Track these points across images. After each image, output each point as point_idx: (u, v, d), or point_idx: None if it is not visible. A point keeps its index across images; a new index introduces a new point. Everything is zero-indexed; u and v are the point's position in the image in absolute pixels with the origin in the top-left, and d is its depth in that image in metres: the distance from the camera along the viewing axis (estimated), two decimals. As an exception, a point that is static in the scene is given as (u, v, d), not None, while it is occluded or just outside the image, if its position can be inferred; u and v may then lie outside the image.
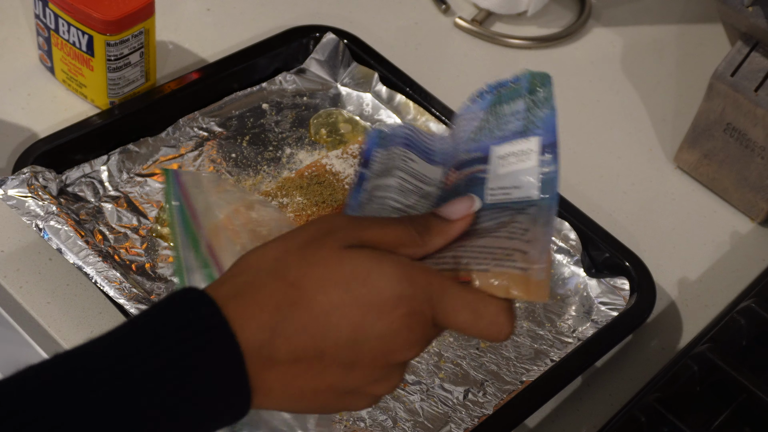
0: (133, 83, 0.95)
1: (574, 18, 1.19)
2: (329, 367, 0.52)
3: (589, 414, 0.82)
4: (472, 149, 0.60)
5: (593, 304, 0.87)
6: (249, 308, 0.51)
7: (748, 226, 1.00)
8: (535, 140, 0.57)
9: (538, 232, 0.54)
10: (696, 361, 0.82)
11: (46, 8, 0.92)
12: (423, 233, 0.56)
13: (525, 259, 0.54)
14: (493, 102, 0.60)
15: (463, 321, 0.54)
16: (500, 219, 0.56)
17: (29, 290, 0.83)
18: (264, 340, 0.50)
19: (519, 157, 0.57)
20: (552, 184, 0.55)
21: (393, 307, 0.52)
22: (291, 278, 0.52)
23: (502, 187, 0.57)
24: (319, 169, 0.91)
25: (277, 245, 0.54)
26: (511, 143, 0.57)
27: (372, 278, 0.52)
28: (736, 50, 0.96)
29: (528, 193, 0.55)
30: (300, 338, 0.51)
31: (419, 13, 1.16)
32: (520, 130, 0.58)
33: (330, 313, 0.51)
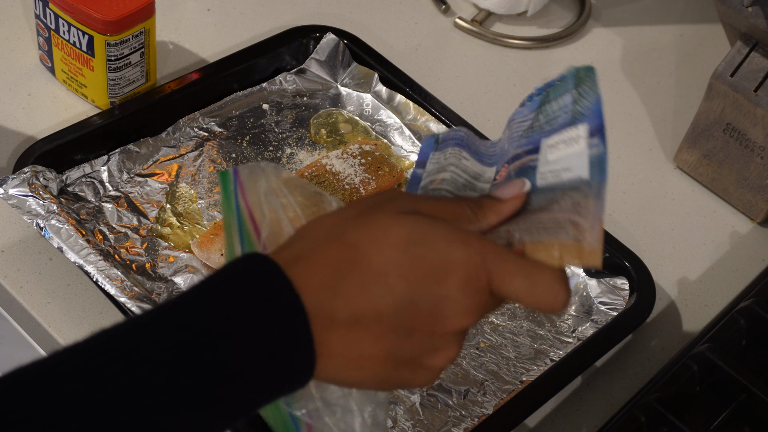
0: (133, 83, 0.96)
1: (574, 18, 1.19)
2: (387, 332, 0.52)
3: (589, 414, 0.82)
4: (523, 144, 0.61)
5: (593, 304, 0.87)
6: (309, 270, 0.51)
7: (747, 226, 1.00)
8: (583, 127, 0.58)
9: (590, 205, 0.55)
10: (696, 361, 0.82)
11: (46, 8, 0.92)
12: (476, 210, 0.56)
13: (577, 228, 0.54)
14: (541, 102, 0.62)
15: (518, 287, 0.53)
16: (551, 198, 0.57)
17: (29, 290, 0.83)
18: (325, 300, 0.50)
19: (568, 143, 0.58)
20: (601, 163, 0.56)
21: (449, 270, 0.52)
22: (349, 240, 0.52)
23: (552, 171, 0.58)
24: (319, 169, 0.91)
25: (334, 214, 0.55)
26: (560, 133, 0.59)
27: (428, 240, 0.52)
28: (735, 50, 0.96)
29: (578, 174, 0.56)
30: (359, 298, 0.51)
31: (419, 13, 1.16)
32: (569, 122, 0.59)
33: (388, 273, 0.51)
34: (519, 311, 0.87)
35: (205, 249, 0.84)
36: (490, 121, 1.05)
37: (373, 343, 0.52)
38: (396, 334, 0.52)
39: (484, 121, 1.04)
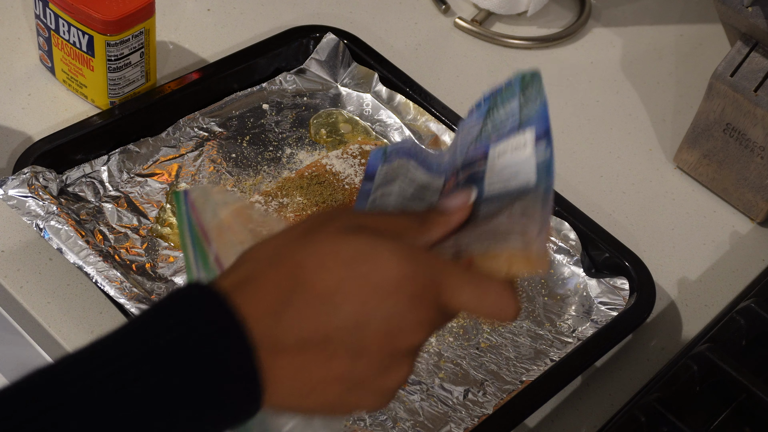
0: (133, 83, 0.96)
1: (574, 18, 1.19)
2: (336, 354, 0.51)
3: (589, 414, 0.82)
4: (471, 153, 0.61)
5: (593, 304, 0.87)
6: (253, 295, 0.50)
7: (747, 226, 1.00)
8: (530, 132, 0.58)
9: (536, 212, 0.55)
10: (696, 361, 0.82)
11: (46, 8, 0.92)
12: (423, 223, 0.56)
13: (524, 236, 0.54)
14: (489, 109, 0.62)
15: (467, 299, 0.53)
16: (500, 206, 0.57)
17: (29, 290, 0.83)
18: (270, 326, 0.49)
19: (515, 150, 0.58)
20: (547, 168, 0.56)
21: (396, 286, 0.51)
22: (293, 262, 0.51)
23: (500, 179, 0.58)
24: (319, 169, 0.91)
25: (278, 236, 0.54)
26: (508, 139, 0.59)
27: (374, 257, 0.51)
28: (735, 50, 0.96)
29: (525, 180, 0.56)
30: (305, 321, 0.50)
31: (419, 13, 1.16)
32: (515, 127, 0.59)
33: (333, 293, 0.50)
34: (519, 311, 0.87)
35: (205, 249, 0.84)
36: (490, 121, 1.04)
37: (322, 367, 0.51)
38: (346, 356, 0.51)
39: (484, 121, 1.04)
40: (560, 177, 1.00)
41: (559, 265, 0.90)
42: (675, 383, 0.81)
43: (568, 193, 0.95)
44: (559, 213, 0.91)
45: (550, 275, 0.90)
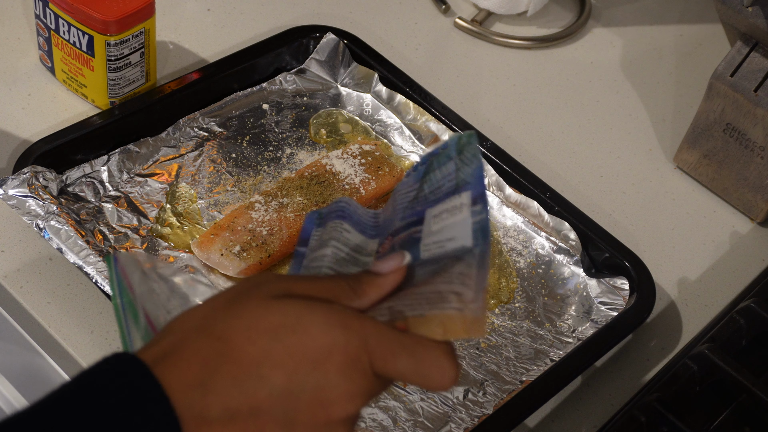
0: (133, 83, 0.96)
1: (574, 18, 1.19)
2: (267, 426, 0.49)
3: (589, 414, 0.82)
4: (407, 216, 0.61)
5: (593, 304, 0.87)
6: (177, 367, 0.49)
7: (747, 226, 1.00)
8: (466, 194, 0.57)
9: (473, 274, 0.54)
10: (696, 361, 0.82)
11: (46, 8, 0.92)
12: (355, 287, 0.54)
13: (460, 299, 0.53)
14: (426, 171, 0.61)
15: (403, 367, 0.51)
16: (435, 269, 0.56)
17: (29, 290, 0.83)
18: (196, 399, 0.48)
19: (451, 212, 0.58)
20: (484, 231, 0.55)
21: (326, 355, 0.49)
22: (217, 332, 0.50)
23: (436, 241, 0.57)
24: (319, 169, 0.91)
25: (204, 305, 0.52)
26: (444, 202, 0.58)
27: (302, 325, 0.50)
28: (735, 50, 0.96)
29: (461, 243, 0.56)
30: (231, 393, 0.49)
31: (419, 13, 1.16)
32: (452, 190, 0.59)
33: (260, 363, 0.49)
34: (519, 311, 0.87)
35: (205, 249, 0.84)
36: (490, 121, 1.05)
37: None
38: (277, 427, 0.49)
39: (484, 121, 1.04)
40: (560, 177, 1.00)
41: (559, 265, 0.90)
42: (675, 383, 0.81)
43: (568, 193, 0.95)
44: (559, 213, 0.91)
45: (550, 275, 0.90)
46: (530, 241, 0.92)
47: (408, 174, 0.63)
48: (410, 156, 0.97)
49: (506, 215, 0.94)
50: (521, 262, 0.91)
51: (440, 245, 0.57)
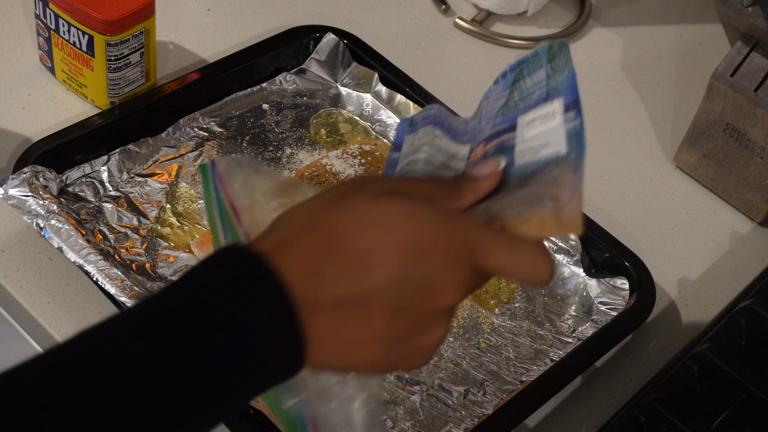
0: (133, 83, 0.96)
1: (574, 18, 1.19)
2: (373, 314, 0.51)
3: (589, 414, 0.82)
4: (498, 123, 0.61)
5: (593, 304, 0.87)
6: (290, 256, 0.51)
7: (747, 226, 1.00)
8: (558, 102, 0.58)
9: (568, 178, 0.55)
10: (696, 361, 0.82)
11: (46, 8, 0.92)
12: (453, 189, 0.56)
13: (556, 200, 0.54)
14: (515, 79, 0.62)
15: (501, 261, 0.53)
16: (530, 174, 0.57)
17: (29, 290, 0.83)
18: (308, 286, 0.50)
19: (543, 119, 0.58)
20: (578, 137, 0.56)
21: (431, 247, 0.52)
22: (327, 225, 0.52)
23: (531, 148, 0.58)
24: (319, 169, 0.91)
25: (311, 201, 0.55)
26: (536, 110, 0.59)
27: (408, 219, 0.52)
28: (735, 50, 0.96)
29: (556, 149, 0.56)
30: (341, 281, 0.51)
31: (419, 13, 1.16)
32: (543, 98, 0.59)
33: (368, 254, 0.51)
34: (519, 311, 0.87)
35: (205, 249, 0.84)
36: (490, 121, 1.05)
37: (360, 326, 0.52)
38: (383, 315, 0.52)
39: (484, 121, 1.04)
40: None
41: (559, 265, 0.90)
42: (675, 383, 0.81)
43: (568, 193, 0.95)
44: (559, 213, 0.91)
45: (550, 275, 0.90)
46: (530, 241, 0.92)
47: (496, 81, 0.63)
48: (410, 156, 0.97)
49: (506, 215, 0.93)
50: (521, 262, 0.90)
51: (534, 151, 0.57)
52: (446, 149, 0.63)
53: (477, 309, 0.86)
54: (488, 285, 0.88)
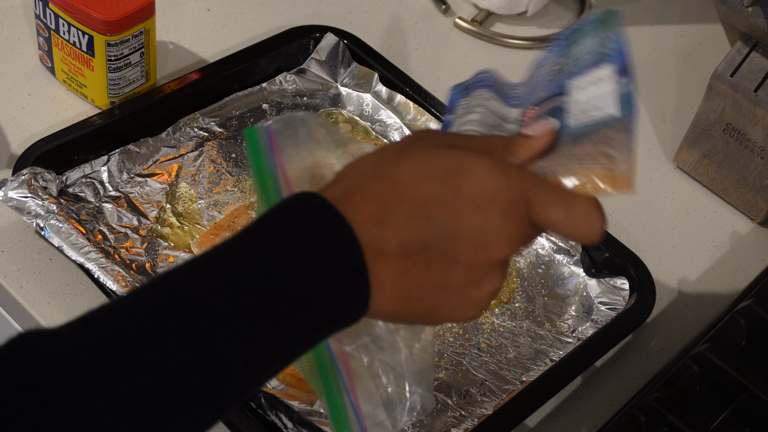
0: (133, 83, 0.96)
1: (574, 18, 1.19)
2: (433, 261, 0.53)
3: (589, 414, 0.82)
4: (552, 87, 0.62)
5: (593, 304, 0.87)
6: (356, 204, 0.52)
7: (747, 226, 1.00)
8: (609, 67, 0.60)
9: (621, 138, 0.56)
10: (696, 361, 0.82)
11: (46, 8, 0.92)
12: (509, 145, 0.58)
13: (610, 159, 0.56)
14: (567, 46, 0.63)
15: (556, 215, 0.55)
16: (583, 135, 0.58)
17: (29, 290, 0.83)
18: (374, 233, 0.52)
19: (596, 84, 0.60)
20: (630, 100, 0.58)
21: (489, 199, 0.53)
22: (391, 174, 0.53)
23: (583, 111, 0.59)
24: (319, 169, 0.91)
25: (375, 153, 0.56)
26: (587, 75, 0.60)
27: (467, 171, 0.53)
28: (735, 50, 0.96)
29: (609, 111, 0.58)
30: (405, 230, 0.52)
31: (419, 13, 1.16)
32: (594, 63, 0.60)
33: (430, 203, 0.52)
34: (519, 311, 0.87)
35: (205, 249, 0.84)
36: (490, 121, 1.05)
37: (419, 274, 0.53)
38: (441, 264, 0.53)
39: (484, 121, 1.04)
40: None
41: (559, 265, 0.90)
42: (675, 383, 0.81)
43: (568, 193, 0.95)
44: (559, 213, 0.91)
45: (550, 275, 0.90)
46: (530, 241, 0.92)
47: (550, 50, 0.64)
48: (410, 156, 0.97)
49: (506, 215, 0.94)
50: (521, 262, 0.91)
51: (587, 114, 0.58)
52: (498, 111, 0.64)
53: (477, 309, 0.86)
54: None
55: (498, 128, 0.63)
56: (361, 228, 0.51)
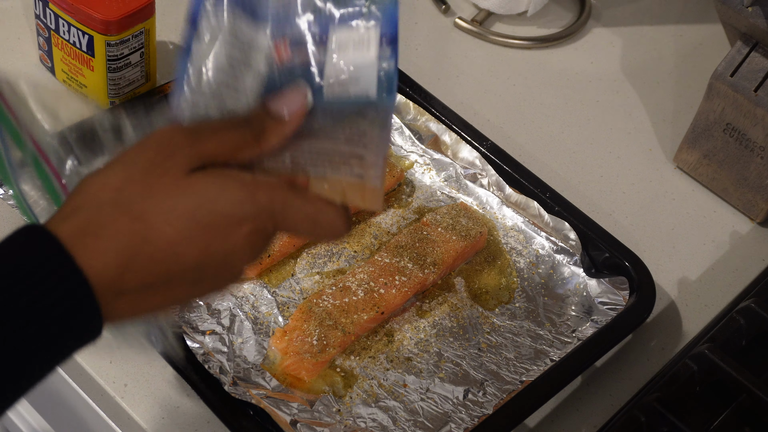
0: (133, 83, 0.96)
1: (574, 18, 1.19)
2: (176, 288, 0.54)
3: (589, 414, 0.82)
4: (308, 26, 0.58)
5: (593, 304, 0.87)
6: (96, 248, 0.51)
7: (747, 226, 1.00)
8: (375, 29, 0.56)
9: (375, 135, 0.55)
10: (696, 361, 0.82)
11: (46, 8, 0.92)
12: (258, 136, 0.56)
13: (361, 164, 0.55)
14: None
15: (303, 230, 0.57)
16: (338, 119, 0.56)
17: (29, 290, 0.83)
18: (114, 278, 0.51)
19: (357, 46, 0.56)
20: (390, 82, 0.55)
21: (237, 226, 0.54)
22: (136, 211, 0.52)
23: (340, 81, 0.57)
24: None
25: (117, 172, 0.54)
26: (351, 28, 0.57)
27: (218, 204, 0.53)
28: (735, 50, 0.96)
29: (366, 90, 0.55)
30: (148, 270, 0.52)
31: (419, 13, 1.16)
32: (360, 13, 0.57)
33: (178, 243, 0.52)
34: (519, 311, 0.87)
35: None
36: (490, 121, 1.05)
37: (161, 299, 0.54)
38: (185, 287, 0.54)
39: (484, 121, 1.04)
40: (560, 177, 1.00)
41: (559, 265, 0.90)
42: (675, 383, 0.81)
43: (568, 193, 0.95)
44: (559, 213, 0.91)
45: (550, 275, 0.90)
46: (530, 241, 0.92)
47: None
48: (410, 156, 0.97)
49: (506, 215, 0.94)
50: (521, 262, 0.91)
51: (343, 86, 0.56)
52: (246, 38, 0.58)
53: (477, 309, 0.86)
54: (488, 286, 0.88)
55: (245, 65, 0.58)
56: (100, 276, 0.50)
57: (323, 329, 0.79)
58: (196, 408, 0.77)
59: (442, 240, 0.87)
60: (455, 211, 0.90)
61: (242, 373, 0.78)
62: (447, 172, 0.97)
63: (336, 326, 0.80)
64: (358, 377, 0.80)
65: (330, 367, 0.80)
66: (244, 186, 0.54)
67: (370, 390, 0.79)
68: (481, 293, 0.88)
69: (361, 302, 0.81)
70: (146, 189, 0.53)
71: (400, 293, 0.83)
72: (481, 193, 0.95)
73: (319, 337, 0.79)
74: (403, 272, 0.84)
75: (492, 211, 0.94)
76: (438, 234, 0.88)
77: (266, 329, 0.81)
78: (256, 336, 0.81)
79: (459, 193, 0.95)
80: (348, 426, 0.76)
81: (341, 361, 0.81)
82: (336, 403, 0.78)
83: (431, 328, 0.84)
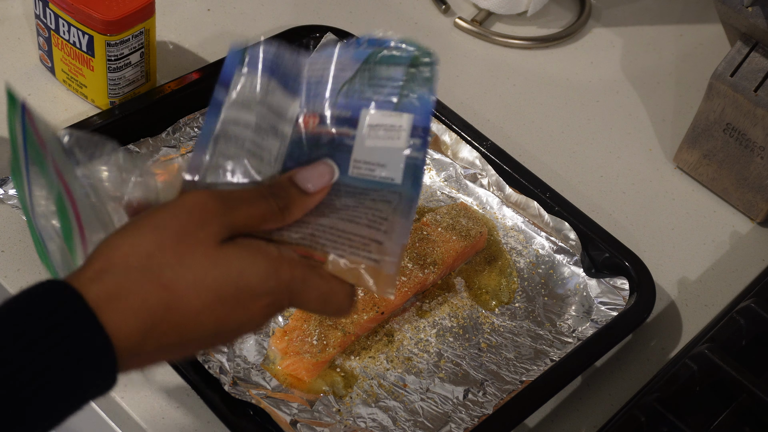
0: (133, 83, 0.96)
1: (574, 18, 1.19)
2: (189, 348, 0.56)
3: (589, 414, 0.82)
4: (341, 105, 0.58)
5: (593, 304, 0.87)
6: (124, 314, 0.51)
7: (747, 226, 1.00)
8: (408, 118, 0.56)
9: (396, 223, 0.55)
10: (696, 361, 0.82)
11: (46, 8, 0.92)
12: (284, 209, 0.57)
13: (379, 250, 0.55)
14: (370, 57, 0.59)
15: (313, 308, 0.58)
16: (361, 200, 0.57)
17: (29, 290, 0.83)
18: (136, 342, 0.52)
19: (389, 131, 0.57)
20: (416, 172, 0.55)
21: (258, 299, 0.55)
22: (165, 280, 0.53)
23: (367, 162, 0.57)
24: (319, 169, 0.91)
25: (147, 237, 0.54)
26: (383, 114, 0.57)
27: (244, 278, 0.55)
28: (735, 50, 0.96)
29: (392, 176, 0.56)
30: (169, 335, 0.53)
31: (419, 13, 1.16)
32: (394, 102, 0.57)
33: (200, 313, 0.54)
34: (519, 311, 0.87)
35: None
36: (490, 121, 1.05)
37: (173, 357, 0.56)
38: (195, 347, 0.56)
39: (484, 121, 1.04)
40: (560, 177, 1.00)
41: (559, 265, 0.90)
42: (675, 383, 0.81)
43: (568, 193, 0.95)
44: (559, 213, 0.91)
45: (550, 275, 0.90)
46: (530, 241, 0.92)
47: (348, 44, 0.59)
48: (410, 156, 0.97)
49: (506, 215, 0.94)
50: (521, 262, 0.91)
51: (370, 168, 0.57)
52: (277, 107, 0.59)
53: (477, 309, 0.86)
54: (488, 286, 0.88)
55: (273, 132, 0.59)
56: (123, 339, 0.51)
57: (323, 329, 0.80)
58: (196, 408, 0.77)
59: (442, 240, 0.87)
60: (455, 211, 0.90)
61: (242, 373, 0.78)
62: (447, 172, 0.97)
63: (336, 326, 0.80)
64: (358, 377, 0.80)
65: (330, 367, 0.80)
66: (271, 262, 0.56)
67: (370, 390, 0.79)
68: (481, 293, 0.88)
69: (361, 302, 0.81)
70: (177, 258, 0.53)
71: (400, 293, 0.83)
72: (481, 193, 0.95)
73: (319, 337, 0.79)
74: (403, 272, 0.84)
75: (492, 211, 0.94)
76: (438, 234, 0.88)
77: (266, 329, 0.81)
78: (256, 336, 0.81)
79: (459, 193, 0.95)
80: (348, 426, 0.76)
81: (341, 361, 0.81)
82: (336, 403, 0.78)
83: (431, 328, 0.84)
